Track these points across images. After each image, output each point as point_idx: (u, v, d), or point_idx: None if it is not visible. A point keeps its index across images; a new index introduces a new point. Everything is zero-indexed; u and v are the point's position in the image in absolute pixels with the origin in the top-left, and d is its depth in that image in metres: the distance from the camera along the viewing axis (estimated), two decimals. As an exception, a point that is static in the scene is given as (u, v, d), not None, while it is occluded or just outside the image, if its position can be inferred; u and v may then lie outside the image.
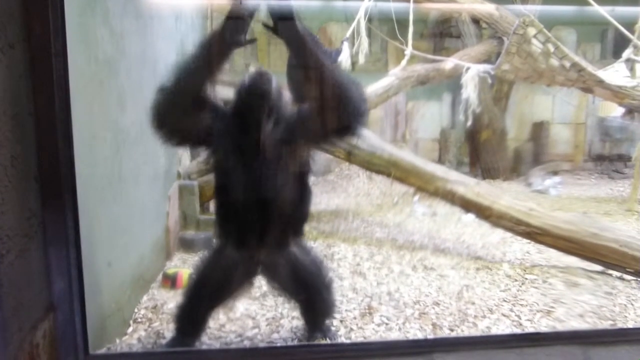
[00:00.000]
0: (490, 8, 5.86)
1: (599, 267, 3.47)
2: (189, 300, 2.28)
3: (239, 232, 2.14)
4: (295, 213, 2.18)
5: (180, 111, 1.89)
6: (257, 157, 1.99)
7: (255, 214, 2.06)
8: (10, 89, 1.42)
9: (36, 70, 1.54)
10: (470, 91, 5.23)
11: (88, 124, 2.13)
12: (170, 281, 3.15)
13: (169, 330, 2.51)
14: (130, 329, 2.59)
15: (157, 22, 3.46)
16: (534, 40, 4.43)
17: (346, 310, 2.84)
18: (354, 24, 5.74)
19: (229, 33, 1.81)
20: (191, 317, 2.30)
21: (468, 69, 5.23)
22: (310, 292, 2.33)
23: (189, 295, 2.30)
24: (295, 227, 2.25)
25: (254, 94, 1.95)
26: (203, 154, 2.19)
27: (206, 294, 2.25)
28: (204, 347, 2.39)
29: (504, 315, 2.84)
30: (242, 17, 1.81)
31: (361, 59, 5.99)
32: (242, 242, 2.15)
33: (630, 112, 6.93)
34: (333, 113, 1.89)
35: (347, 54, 5.76)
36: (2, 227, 1.37)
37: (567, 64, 4.54)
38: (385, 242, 4.28)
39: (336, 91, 1.85)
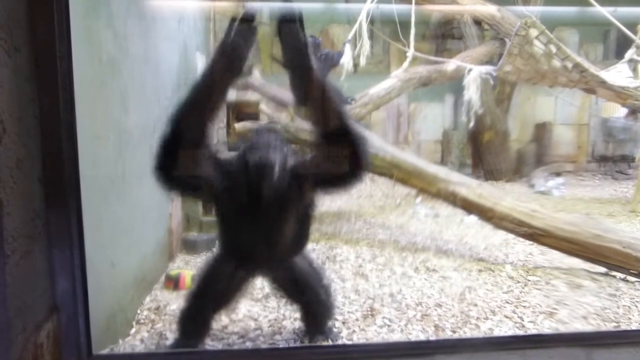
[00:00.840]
0: (492, 9, 5.87)
1: (602, 269, 3.46)
2: (191, 304, 2.30)
3: (240, 254, 2.22)
4: (297, 241, 2.26)
5: (181, 158, 1.87)
6: (260, 209, 2.01)
7: (256, 249, 2.16)
8: (15, 92, 1.44)
9: (41, 72, 1.56)
10: (472, 92, 5.23)
11: (92, 126, 2.15)
12: (173, 282, 3.16)
13: (171, 332, 2.52)
14: (133, 330, 2.60)
15: (160, 24, 3.48)
16: (536, 42, 4.43)
17: (348, 312, 2.84)
18: (356, 26, 5.75)
19: (236, 37, 1.81)
20: (194, 320, 2.31)
21: (470, 70, 5.23)
22: (310, 295, 2.36)
23: (191, 299, 2.31)
24: (297, 250, 2.30)
25: (258, 173, 1.92)
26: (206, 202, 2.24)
27: (209, 298, 2.28)
28: (207, 348, 2.39)
29: (506, 317, 2.83)
30: (249, 19, 1.81)
31: (363, 61, 5.99)
32: (242, 260, 2.23)
33: (633, 112, 6.93)
34: (340, 160, 1.90)
35: (349, 56, 5.77)
36: (7, 229, 1.38)
37: (569, 65, 4.54)
38: (388, 244, 4.28)
39: (348, 138, 1.86)
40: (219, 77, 1.80)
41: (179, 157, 1.85)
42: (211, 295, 2.27)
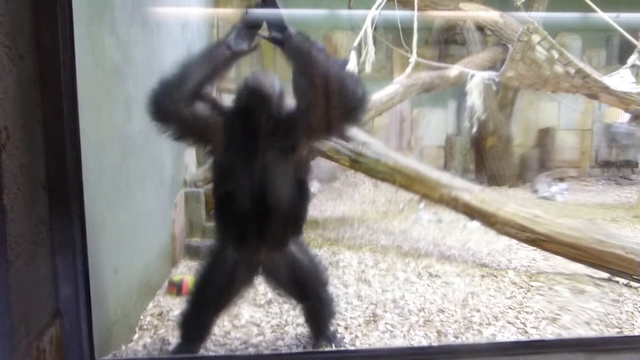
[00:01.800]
0: (495, 15, 5.87)
1: (605, 274, 3.45)
2: (192, 305, 2.30)
3: (239, 232, 2.15)
4: (294, 213, 2.19)
5: (178, 98, 1.87)
6: (257, 158, 2.00)
7: (254, 214, 2.07)
8: (20, 99, 1.45)
9: (45, 80, 1.57)
10: (475, 98, 5.23)
11: (95, 132, 2.16)
12: (176, 288, 3.17)
13: (174, 337, 2.52)
14: (136, 336, 2.60)
15: (164, 31, 3.50)
16: (538, 47, 4.44)
17: (351, 318, 2.84)
18: (361, 33, 5.76)
19: (236, 40, 1.84)
20: (195, 322, 2.31)
21: (473, 76, 5.24)
22: (309, 289, 2.36)
23: (192, 300, 2.32)
24: (295, 226, 2.25)
25: (255, 96, 1.96)
26: (202, 150, 2.19)
27: (209, 298, 2.27)
28: (209, 353, 2.40)
29: (509, 322, 2.83)
30: (251, 25, 1.85)
31: (368, 68, 6.00)
32: (242, 242, 2.16)
33: (636, 118, 6.90)
34: (332, 102, 1.90)
35: (355, 64, 5.77)
36: (11, 234, 1.39)
37: (572, 71, 4.54)
38: (391, 249, 4.28)
39: (334, 81, 1.88)
40: (227, 50, 1.90)
41: (177, 97, 1.87)
42: (211, 292, 2.25)
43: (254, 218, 2.07)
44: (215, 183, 2.22)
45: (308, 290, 2.36)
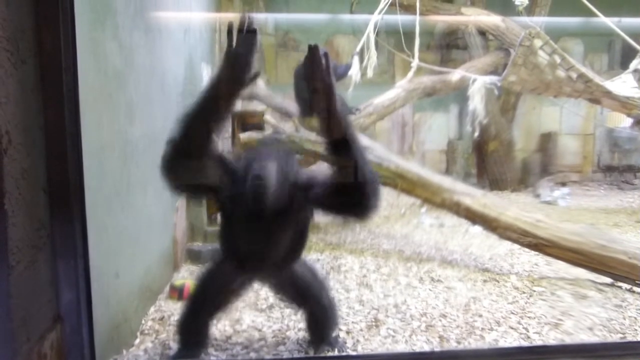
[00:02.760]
0: (497, 20, 5.89)
1: (608, 280, 3.43)
2: (190, 308, 2.33)
3: (239, 257, 2.24)
4: (293, 252, 2.28)
5: (188, 162, 1.90)
6: (260, 217, 2.03)
7: (255, 254, 2.20)
8: (21, 103, 1.45)
9: (47, 84, 1.58)
10: (477, 102, 5.24)
11: (97, 136, 2.16)
12: (178, 292, 3.16)
13: (175, 342, 2.51)
14: (137, 340, 2.60)
15: (166, 36, 3.51)
16: (540, 52, 4.45)
17: (353, 322, 2.83)
18: (364, 38, 5.77)
19: (238, 48, 1.83)
20: (192, 326, 2.33)
21: (475, 80, 5.25)
22: (309, 298, 2.38)
23: (190, 303, 2.35)
24: (292, 259, 2.31)
25: (256, 198, 1.93)
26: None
27: (207, 301, 2.30)
28: (211, 358, 2.39)
29: (511, 327, 2.81)
30: (251, 29, 1.83)
31: (370, 73, 6.01)
32: (241, 264, 2.25)
33: (638, 122, 6.90)
34: (351, 194, 1.92)
35: (357, 68, 5.78)
36: (12, 239, 1.39)
37: (574, 75, 4.54)
38: (392, 254, 4.27)
39: (361, 175, 1.87)
40: (225, 88, 1.81)
41: (186, 161, 1.88)
42: (210, 298, 2.30)
43: (255, 254, 2.20)
44: (221, 223, 2.29)
45: (308, 299, 2.39)
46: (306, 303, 2.41)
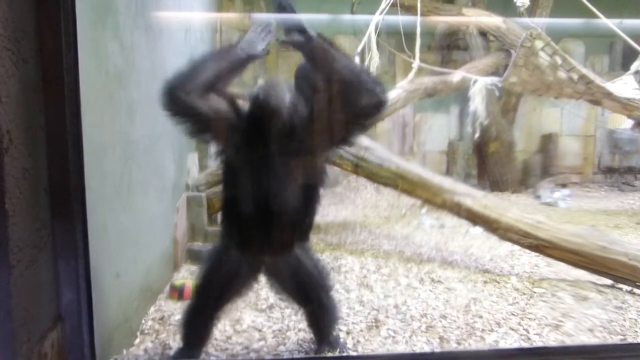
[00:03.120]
0: (498, 21, 5.88)
1: (608, 281, 3.43)
2: (193, 304, 2.30)
3: (244, 234, 2.14)
4: (301, 219, 2.18)
5: (192, 89, 1.85)
6: (267, 164, 1.99)
7: (261, 218, 2.06)
8: (22, 103, 1.45)
9: (48, 84, 1.58)
10: (477, 103, 5.23)
11: (98, 136, 2.16)
12: (178, 292, 3.16)
13: (175, 342, 2.52)
14: (138, 340, 2.60)
15: (167, 36, 3.51)
16: (541, 53, 4.44)
17: (353, 323, 2.83)
18: (365, 38, 5.77)
19: (250, 43, 1.85)
20: (196, 323, 2.31)
21: (475, 81, 5.24)
22: (312, 294, 2.35)
23: (193, 299, 2.32)
24: (301, 232, 2.24)
25: (266, 107, 1.92)
26: (214, 149, 2.18)
27: (210, 296, 2.26)
28: (211, 358, 2.39)
29: (511, 329, 2.81)
30: (267, 29, 1.86)
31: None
32: (247, 244, 2.16)
33: (639, 124, 6.90)
34: (352, 101, 1.90)
35: (358, 68, 5.76)
36: (13, 239, 1.39)
37: (575, 77, 4.53)
38: (393, 255, 4.27)
39: (355, 80, 1.88)
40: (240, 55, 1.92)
41: (196, 86, 1.85)
42: (213, 291, 2.24)
43: (261, 222, 2.06)
44: (224, 184, 2.21)
45: (311, 295, 2.35)
46: (308, 299, 2.37)
